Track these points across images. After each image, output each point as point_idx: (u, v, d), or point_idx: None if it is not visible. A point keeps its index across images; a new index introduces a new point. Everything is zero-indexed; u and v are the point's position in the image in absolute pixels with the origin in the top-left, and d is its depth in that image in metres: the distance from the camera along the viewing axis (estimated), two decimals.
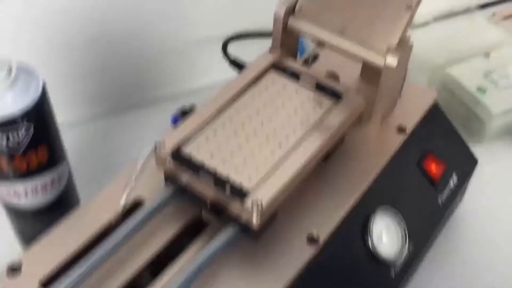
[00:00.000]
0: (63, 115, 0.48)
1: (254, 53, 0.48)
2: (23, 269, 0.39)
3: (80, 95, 0.66)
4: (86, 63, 0.64)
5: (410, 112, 0.50)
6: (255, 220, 0.37)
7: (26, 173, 0.44)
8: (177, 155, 0.40)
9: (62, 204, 0.46)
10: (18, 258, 0.39)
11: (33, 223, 0.47)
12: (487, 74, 0.64)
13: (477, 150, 0.54)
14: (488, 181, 0.58)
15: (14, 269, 0.38)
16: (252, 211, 0.37)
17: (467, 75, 0.64)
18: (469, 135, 0.61)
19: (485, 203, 0.57)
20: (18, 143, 0.41)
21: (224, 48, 0.64)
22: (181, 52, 0.68)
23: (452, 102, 0.64)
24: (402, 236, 0.45)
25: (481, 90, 0.62)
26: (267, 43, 0.49)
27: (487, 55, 0.66)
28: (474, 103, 0.62)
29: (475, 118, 0.62)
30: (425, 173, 0.48)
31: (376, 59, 0.45)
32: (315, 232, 0.41)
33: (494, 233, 0.55)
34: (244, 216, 0.38)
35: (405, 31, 0.44)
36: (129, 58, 0.66)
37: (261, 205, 0.37)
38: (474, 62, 0.65)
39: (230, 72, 0.63)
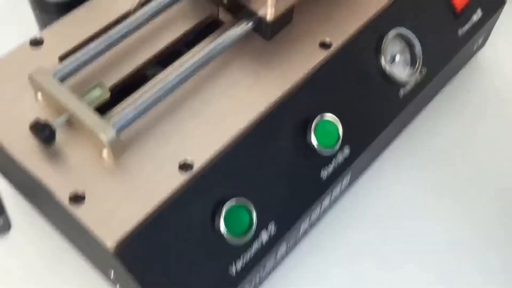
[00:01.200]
0: None
1: None
2: (44, 43, 0.40)
3: None
4: None
5: None
6: (269, 13, 0.38)
7: None
8: None
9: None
10: (39, 35, 0.41)
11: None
12: None
13: None
14: None
15: (36, 43, 0.40)
16: (267, 2, 0.37)
17: None
18: None
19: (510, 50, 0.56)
20: None
21: None
22: None
23: None
24: (415, 59, 0.45)
25: None
26: None
27: None
28: None
29: None
30: (448, 2, 0.47)
31: None
32: (328, 39, 0.42)
33: None
34: (259, 11, 0.39)
35: None
36: None
37: None
38: None
39: None
